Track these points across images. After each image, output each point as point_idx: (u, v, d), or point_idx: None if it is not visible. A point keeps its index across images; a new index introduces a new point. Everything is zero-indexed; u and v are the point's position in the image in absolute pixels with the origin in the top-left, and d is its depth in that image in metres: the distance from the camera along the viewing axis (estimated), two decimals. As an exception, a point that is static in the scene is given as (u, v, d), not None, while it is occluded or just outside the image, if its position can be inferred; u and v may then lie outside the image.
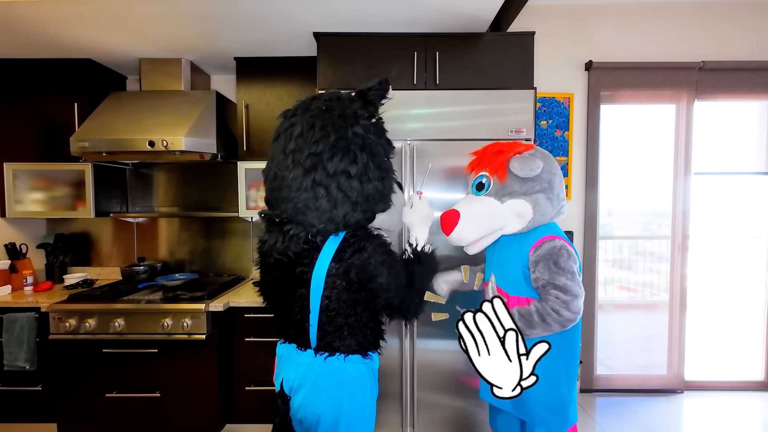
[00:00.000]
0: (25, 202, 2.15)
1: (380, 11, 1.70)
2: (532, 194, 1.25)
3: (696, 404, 2.37)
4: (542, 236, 1.24)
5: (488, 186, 1.29)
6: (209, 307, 1.86)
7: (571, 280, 1.18)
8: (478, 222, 1.27)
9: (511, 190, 1.25)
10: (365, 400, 1.15)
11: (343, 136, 1.07)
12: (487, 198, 1.28)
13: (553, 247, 1.20)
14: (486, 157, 1.32)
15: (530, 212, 1.25)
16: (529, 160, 1.23)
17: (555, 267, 1.18)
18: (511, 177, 1.25)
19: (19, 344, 1.86)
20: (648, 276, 2.56)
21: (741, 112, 2.56)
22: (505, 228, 1.29)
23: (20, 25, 1.76)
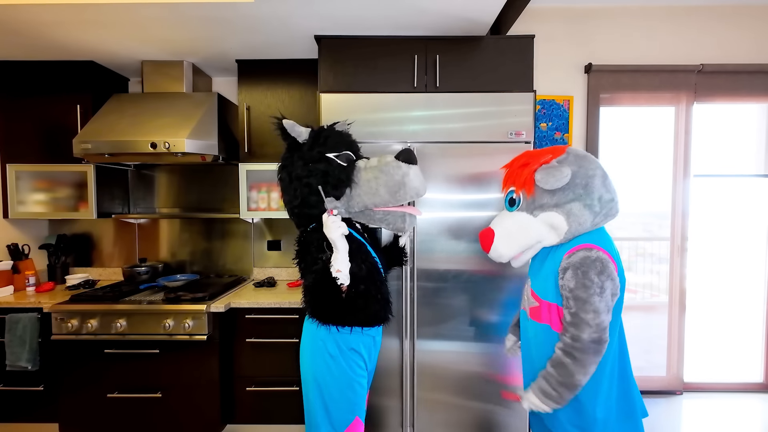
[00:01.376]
0: (28, 203, 2.16)
1: (381, 14, 1.71)
2: (563, 205, 1.17)
3: (695, 406, 2.37)
4: (579, 244, 1.17)
5: (519, 201, 1.25)
6: (210, 307, 1.87)
7: (598, 295, 1.08)
8: (512, 238, 1.25)
9: (542, 203, 1.20)
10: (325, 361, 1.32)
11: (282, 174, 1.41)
12: (518, 213, 1.24)
13: (587, 256, 1.12)
14: (513, 170, 1.27)
15: (564, 224, 1.17)
16: (554, 171, 1.15)
17: (582, 277, 1.10)
18: (539, 190, 1.19)
19: (22, 344, 1.87)
20: (648, 277, 2.57)
21: (740, 114, 2.57)
22: (543, 241, 1.24)
23: (24, 27, 1.77)
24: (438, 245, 1.80)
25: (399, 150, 1.36)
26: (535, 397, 1.17)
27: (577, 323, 1.10)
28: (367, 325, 1.34)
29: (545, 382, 1.15)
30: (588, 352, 1.09)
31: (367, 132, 1.77)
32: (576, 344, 1.10)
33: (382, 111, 1.78)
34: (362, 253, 1.33)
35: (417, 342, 1.80)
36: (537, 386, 1.17)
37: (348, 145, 1.40)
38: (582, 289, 1.09)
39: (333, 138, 1.37)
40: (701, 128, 2.48)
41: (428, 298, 1.80)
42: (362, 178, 1.35)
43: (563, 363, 1.12)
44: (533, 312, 1.27)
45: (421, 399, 1.83)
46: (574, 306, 1.10)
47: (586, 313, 1.09)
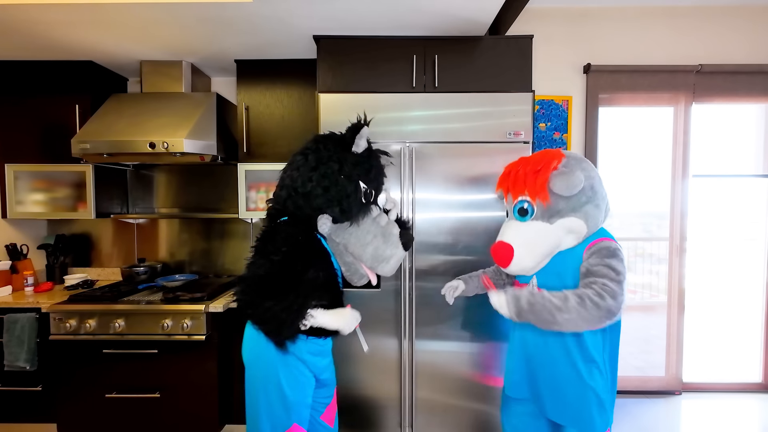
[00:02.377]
0: (26, 203, 2.16)
1: (380, 14, 1.71)
2: (580, 208, 1.18)
3: (694, 406, 2.37)
4: (597, 238, 1.20)
5: (532, 211, 1.21)
6: (209, 308, 1.87)
7: (622, 276, 1.11)
8: (533, 249, 1.20)
9: (558, 209, 1.18)
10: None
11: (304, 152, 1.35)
12: (534, 222, 1.20)
13: (609, 245, 1.16)
14: (521, 178, 1.22)
15: (584, 227, 1.18)
16: (570, 176, 1.15)
17: (608, 258, 1.12)
18: (554, 197, 1.18)
19: (20, 344, 1.86)
20: (647, 277, 2.57)
21: (738, 114, 2.57)
22: (561, 246, 1.22)
23: (23, 27, 1.77)
24: (436, 245, 1.80)
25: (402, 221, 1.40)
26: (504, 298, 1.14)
27: (600, 293, 1.07)
28: (312, 335, 1.29)
29: (528, 295, 1.11)
30: (598, 310, 1.05)
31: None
32: (595, 299, 1.06)
33: (381, 111, 1.78)
34: (324, 262, 1.31)
35: (416, 342, 1.80)
36: (516, 293, 1.13)
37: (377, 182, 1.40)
38: (606, 267, 1.11)
39: (375, 170, 1.38)
40: (700, 128, 2.49)
41: (427, 298, 1.80)
42: (364, 225, 1.34)
43: (567, 298, 1.08)
44: None
45: (420, 399, 1.83)
46: (598, 280, 1.09)
47: (615, 284, 1.08)
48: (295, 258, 1.22)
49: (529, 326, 1.22)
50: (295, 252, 1.22)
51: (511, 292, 1.14)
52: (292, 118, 2.16)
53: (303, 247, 1.25)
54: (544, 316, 1.08)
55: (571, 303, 1.06)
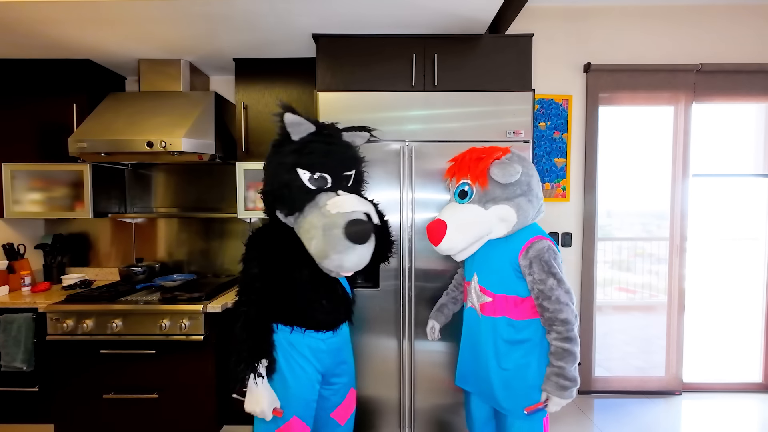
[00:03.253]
0: (24, 202, 2.14)
1: (379, 13, 1.70)
2: (514, 198, 1.27)
3: (694, 406, 2.37)
4: (530, 237, 1.27)
5: (471, 194, 1.30)
6: (207, 308, 1.86)
7: (561, 280, 1.23)
8: (465, 230, 1.28)
9: (494, 196, 1.28)
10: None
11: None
12: (471, 206, 1.29)
13: (542, 248, 1.24)
14: (465, 164, 1.33)
15: (514, 216, 1.27)
16: (508, 166, 1.25)
17: (547, 267, 1.23)
18: (492, 183, 1.28)
19: (16, 345, 1.85)
20: (647, 277, 2.57)
21: (739, 114, 2.57)
22: (491, 233, 1.31)
23: (19, 25, 1.76)
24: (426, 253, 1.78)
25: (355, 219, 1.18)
26: (558, 398, 1.22)
27: (560, 309, 1.21)
28: (311, 329, 1.30)
29: (561, 378, 1.20)
30: (575, 325, 1.21)
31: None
32: (568, 326, 1.20)
33: (380, 110, 1.77)
34: (303, 258, 1.25)
35: (415, 342, 1.79)
36: (554, 385, 1.21)
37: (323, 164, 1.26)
38: (551, 277, 1.22)
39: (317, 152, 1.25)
40: (700, 128, 2.48)
41: (426, 298, 1.79)
42: (309, 216, 1.23)
43: (567, 350, 1.20)
44: (486, 308, 1.32)
45: (420, 400, 1.82)
46: (551, 293, 1.21)
47: (563, 294, 1.22)
48: (248, 259, 1.28)
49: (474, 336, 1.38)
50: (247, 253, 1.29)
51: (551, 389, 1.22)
52: (290, 117, 2.15)
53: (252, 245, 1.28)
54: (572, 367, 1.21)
55: (573, 349, 1.21)
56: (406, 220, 1.77)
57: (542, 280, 1.22)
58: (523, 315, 1.29)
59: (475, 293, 1.35)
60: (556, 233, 2.46)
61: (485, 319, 1.32)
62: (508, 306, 1.29)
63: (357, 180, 1.38)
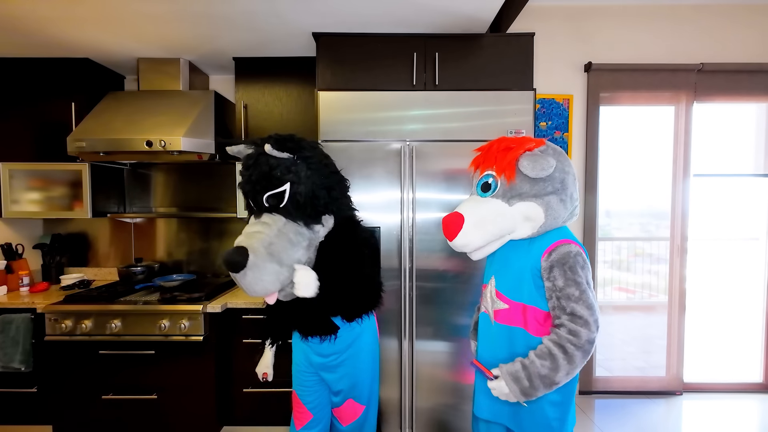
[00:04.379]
0: (22, 202, 2.13)
1: (380, 12, 1.69)
2: (543, 196, 1.11)
3: (695, 406, 2.36)
4: (556, 240, 1.12)
5: (495, 187, 1.15)
6: (207, 308, 1.85)
7: (589, 289, 1.07)
8: (485, 227, 1.14)
9: (521, 191, 1.12)
10: None
11: None
12: (493, 200, 1.14)
13: (569, 252, 1.08)
14: (492, 153, 1.17)
15: (542, 216, 1.12)
16: (541, 159, 1.09)
17: (571, 273, 1.07)
18: (520, 177, 1.12)
19: (15, 345, 1.84)
20: (646, 277, 2.56)
21: (740, 113, 2.56)
22: (514, 233, 1.16)
23: (18, 23, 1.75)
24: (437, 245, 1.78)
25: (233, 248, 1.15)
26: (506, 384, 1.07)
27: (575, 320, 1.05)
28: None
29: (522, 370, 1.06)
30: (582, 350, 1.03)
31: (365, 131, 1.75)
32: (573, 339, 1.03)
33: (381, 109, 1.76)
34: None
35: (416, 342, 1.79)
36: (510, 370, 1.07)
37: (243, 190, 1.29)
38: (574, 286, 1.06)
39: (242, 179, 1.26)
40: (701, 127, 2.48)
41: (427, 298, 1.78)
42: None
43: (553, 355, 1.04)
44: (500, 315, 1.18)
45: (421, 399, 1.81)
46: (568, 305, 1.06)
47: (584, 309, 1.05)
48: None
49: (487, 347, 1.23)
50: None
51: (505, 372, 1.08)
52: (291, 116, 2.14)
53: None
54: (545, 383, 1.04)
55: (558, 359, 1.04)
56: (406, 219, 1.76)
57: (561, 288, 1.06)
58: (542, 332, 1.12)
59: (491, 297, 1.22)
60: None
61: (498, 327, 1.18)
62: (526, 317, 1.13)
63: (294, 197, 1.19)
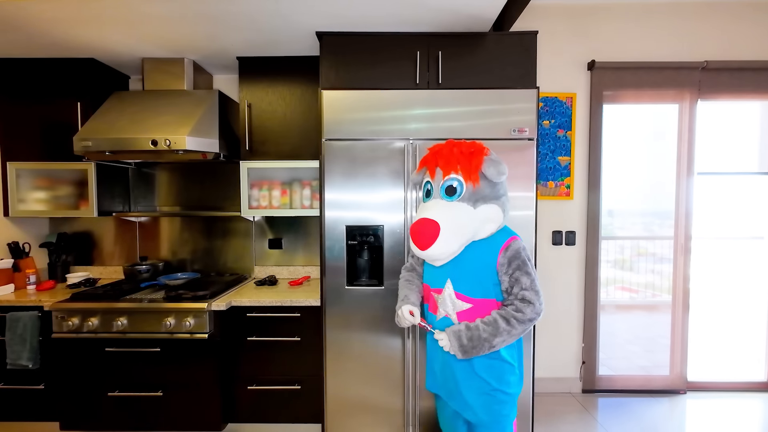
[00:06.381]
0: (28, 201, 2.15)
1: (383, 11, 1.70)
2: (500, 198, 1.23)
3: (699, 405, 2.36)
4: (508, 237, 1.23)
5: (461, 191, 1.19)
6: (212, 306, 1.86)
7: (534, 280, 1.20)
8: (459, 231, 1.18)
9: (484, 194, 1.20)
10: None
11: None
12: (462, 204, 1.19)
13: (519, 247, 1.21)
14: (455, 157, 1.21)
15: (500, 216, 1.23)
16: (500, 164, 1.20)
17: (523, 265, 1.20)
18: (483, 182, 1.20)
19: (22, 343, 1.86)
20: (650, 277, 2.56)
21: (745, 112, 2.55)
22: (477, 235, 1.22)
23: (24, 24, 1.76)
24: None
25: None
26: (447, 337, 1.20)
27: (524, 302, 1.18)
28: None
29: (465, 330, 1.18)
30: (523, 324, 1.17)
31: (369, 130, 1.76)
32: (517, 314, 1.17)
33: (384, 108, 1.77)
34: None
35: (419, 341, 1.79)
36: (454, 329, 1.20)
37: None
38: (525, 276, 1.19)
39: None
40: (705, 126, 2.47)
41: (430, 296, 1.79)
42: None
43: (496, 322, 1.17)
44: (463, 315, 1.24)
45: (425, 399, 1.82)
46: (520, 292, 1.19)
47: (533, 294, 1.18)
48: None
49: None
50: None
51: (449, 331, 1.21)
52: (294, 115, 2.15)
53: None
54: (483, 345, 1.17)
55: (501, 326, 1.17)
56: (409, 219, 1.76)
57: (517, 279, 1.19)
58: None
59: (450, 301, 1.25)
60: (560, 232, 2.45)
61: None
62: (489, 311, 1.23)
63: None
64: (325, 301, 1.79)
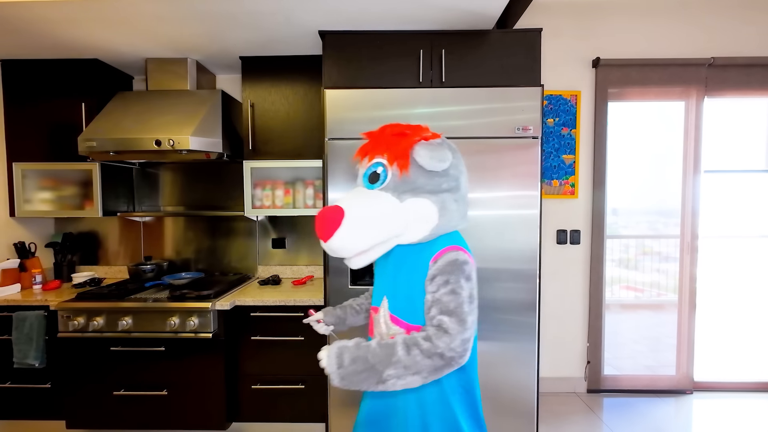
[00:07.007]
0: (34, 201, 2.17)
1: (386, 9, 1.69)
2: (438, 193, 0.95)
3: (706, 405, 2.34)
4: (446, 246, 0.95)
5: (385, 177, 0.95)
6: (216, 305, 1.86)
7: (467, 304, 0.89)
8: (369, 225, 0.91)
9: (415, 185, 0.94)
10: None
11: None
12: (382, 193, 0.94)
13: (455, 259, 0.92)
14: (384, 139, 0.99)
15: (435, 216, 0.95)
16: (439, 149, 0.95)
17: (452, 283, 0.90)
18: (414, 168, 0.94)
19: (29, 342, 1.87)
20: (655, 276, 2.53)
21: (752, 108, 2.52)
22: (403, 236, 0.96)
23: (28, 26, 1.77)
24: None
25: None
26: (328, 353, 0.88)
27: (440, 331, 0.86)
28: None
29: (354, 348, 0.87)
30: (430, 360, 0.84)
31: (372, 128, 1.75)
32: (424, 345, 0.84)
33: (387, 107, 1.76)
34: None
35: (423, 340, 1.78)
36: (340, 343, 0.89)
37: None
38: (451, 296, 0.89)
39: None
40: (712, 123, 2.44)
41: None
42: None
43: (394, 347, 0.85)
44: None
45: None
46: (437, 316, 0.88)
47: (455, 324, 0.87)
48: None
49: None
50: None
51: (338, 344, 0.89)
52: (297, 114, 2.15)
53: None
54: (369, 376, 0.84)
55: (398, 353, 0.84)
56: (413, 217, 1.76)
57: (438, 299, 0.89)
58: None
59: (385, 323, 1.00)
60: (565, 230, 2.43)
61: None
62: None
63: None
64: (329, 301, 1.79)
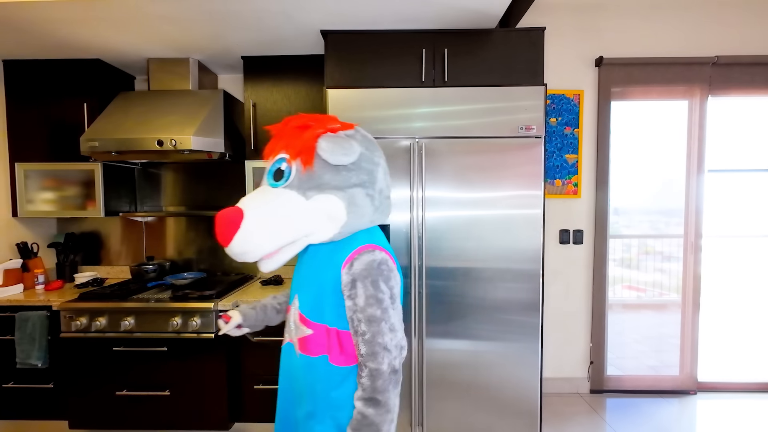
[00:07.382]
0: (36, 201, 2.17)
1: (388, 8, 1.68)
2: (347, 189, 0.90)
3: (710, 406, 2.33)
4: (359, 246, 0.92)
5: (288, 174, 0.90)
6: (218, 305, 1.86)
7: (391, 307, 0.89)
8: (272, 226, 0.87)
9: (320, 181, 0.89)
10: None
11: None
12: (286, 191, 0.89)
13: (372, 260, 0.89)
14: (286, 133, 0.93)
15: (344, 213, 0.90)
16: (344, 142, 0.90)
17: (373, 289, 0.87)
18: (320, 163, 0.89)
19: (31, 342, 1.88)
20: (657, 275, 2.52)
21: (756, 107, 2.50)
22: (313, 235, 0.92)
23: (30, 25, 1.77)
24: (446, 243, 1.77)
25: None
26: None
27: (375, 353, 0.86)
28: None
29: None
30: (390, 385, 0.87)
31: (374, 128, 1.74)
32: (377, 383, 0.85)
33: (390, 106, 1.76)
34: None
35: (426, 341, 1.78)
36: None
37: None
38: (375, 305, 0.87)
39: None
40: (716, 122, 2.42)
41: (437, 296, 1.77)
42: None
43: (368, 418, 0.85)
44: (305, 344, 0.95)
45: (431, 398, 1.81)
46: (369, 330, 0.87)
47: (383, 334, 0.86)
48: None
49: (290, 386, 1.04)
50: None
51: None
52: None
53: None
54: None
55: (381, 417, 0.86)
56: (416, 218, 1.75)
57: (363, 309, 0.87)
58: (342, 360, 0.92)
59: (294, 323, 0.98)
60: (568, 230, 2.43)
61: (303, 359, 0.95)
62: (330, 341, 0.93)
63: None
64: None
